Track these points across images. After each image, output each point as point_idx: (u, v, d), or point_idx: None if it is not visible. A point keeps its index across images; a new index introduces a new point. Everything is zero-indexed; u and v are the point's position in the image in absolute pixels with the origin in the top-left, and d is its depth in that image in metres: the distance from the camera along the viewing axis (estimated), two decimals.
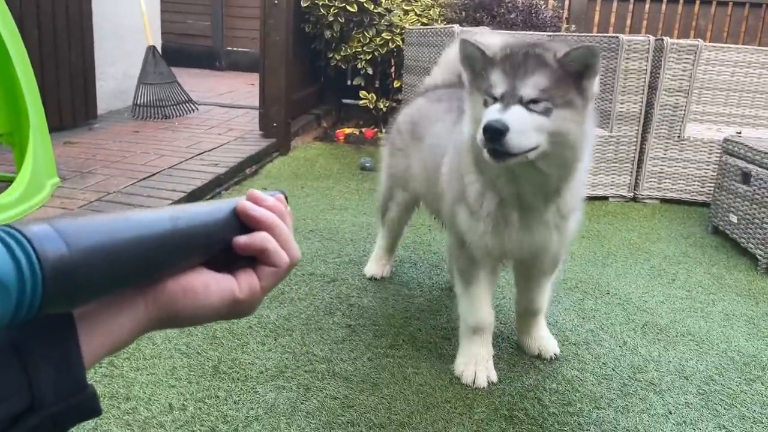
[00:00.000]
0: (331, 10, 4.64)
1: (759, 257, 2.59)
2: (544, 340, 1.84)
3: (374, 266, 2.34)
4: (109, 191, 2.82)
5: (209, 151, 3.70)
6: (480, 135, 1.37)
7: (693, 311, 2.20)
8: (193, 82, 6.65)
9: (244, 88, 6.63)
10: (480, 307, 1.70)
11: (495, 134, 1.33)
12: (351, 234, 2.77)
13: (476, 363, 1.69)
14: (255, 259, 0.59)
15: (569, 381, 1.71)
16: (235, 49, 8.64)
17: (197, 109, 4.87)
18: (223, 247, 0.57)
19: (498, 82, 1.40)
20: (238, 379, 1.63)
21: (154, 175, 3.12)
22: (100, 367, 1.63)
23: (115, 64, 4.75)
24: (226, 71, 8.45)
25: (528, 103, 1.37)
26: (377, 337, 1.88)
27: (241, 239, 0.57)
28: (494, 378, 1.69)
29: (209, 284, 0.56)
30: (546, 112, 1.37)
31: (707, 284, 2.44)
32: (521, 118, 1.35)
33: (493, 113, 1.37)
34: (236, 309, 0.58)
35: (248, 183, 3.49)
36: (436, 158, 1.78)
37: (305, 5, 4.67)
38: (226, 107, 5.28)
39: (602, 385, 1.70)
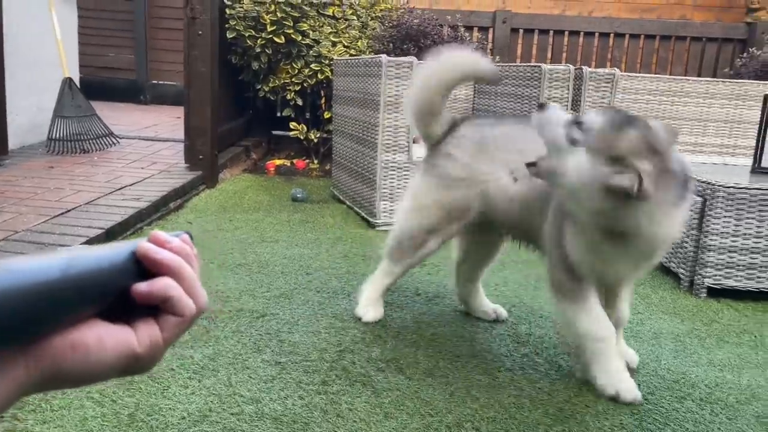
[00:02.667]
0: (258, 41, 4.60)
1: (681, 276, 2.67)
2: (628, 352, 1.92)
3: (373, 309, 2.17)
4: (18, 230, 2.63)
5: (131, 185, 3.54)
6: None
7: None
8: (116, 115, 6.43)
9: (170, 121, 6.46)
10: (603, 318, 1.73)
11: None
12: (282, 267, 2.69)
13: (620, 380, 1.71)
14: (157, 308, 0.53)
15: (506, 408, 1.67)
16: (160, 82, 8.44)
17: (118, 142, 4.69)
18: (121, 295, 0.51)
19: None
20: (157, 428, 1.51)
21: (68, 211, 2.94)
22: (2, 422, 1.48)
23: (28, 98, 4.51)
24: (151, 105, 8.23)
25: None
26: (308, 374, 1.79)
27: (142, 286, 0.51)
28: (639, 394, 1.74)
29: (103, 338, 0.49)
30: None
31: (635, 304, 2.48)
32: None
33: None
34: (135, 365, 0.52)
35: (173, 217, 3.35)
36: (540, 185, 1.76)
37: (231, 36, 4.61)
38: (149, 140, 5.11)
39: (539, 410, 1.67)
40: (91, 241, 2.61)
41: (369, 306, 2.18)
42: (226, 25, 4.58)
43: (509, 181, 1.90)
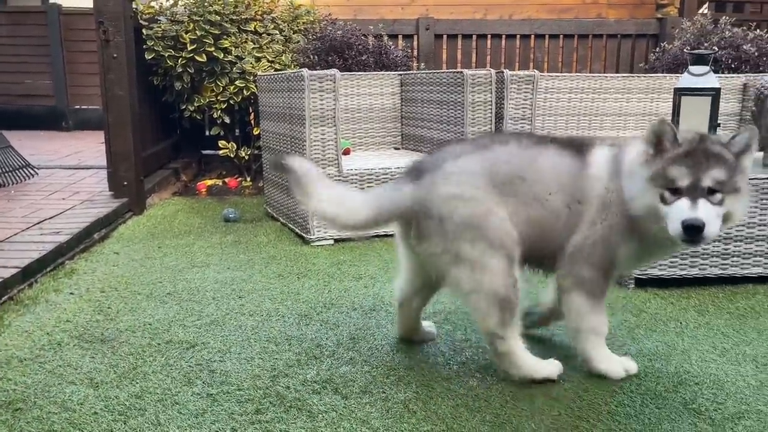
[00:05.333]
0: (179, 61, 4.49)
1: None
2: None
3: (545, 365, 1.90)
4: None
5: (50, 218, 3.38)
6: (678, 230, 1.60)
7: (560, 329, 2.26)
8: (36, 144, 6.19)
9: (95, 146, 6.23)
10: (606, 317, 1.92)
11: (695, 231, 1.58)
12: (213, 292, 2.61)
13: (614, 359, 1.90)
14: None
15: (443, 419, 1.66)
16: (82, 107, 8.15)
17: (37, 173, 4.48)
18: None
19: (681, 176, 1.61)
20: None
21: None
22: None
23: None
24: (75, 131, 7.95)
25: (708, 194, 1.60)
26: (241, 403, 1.73)
27: None
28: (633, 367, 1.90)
29: None
30: (720, 202, 1.62)
31: None
32: (711, 212, 1.60)
33: (686, 211, 1.59)
34: None
35: (97, 248, 3.21)
36: (567, 196, 1.82)
37: (150, 57, 4.49)
38: (71, 169, 4.91)
39: (476, 418, 1.67)
40: (7, 282, 2.47)
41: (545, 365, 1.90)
42: (144, 46, 4.45)
43: (531, 205, 1.82)
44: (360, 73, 4.42)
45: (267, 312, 2.40)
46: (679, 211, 1.60)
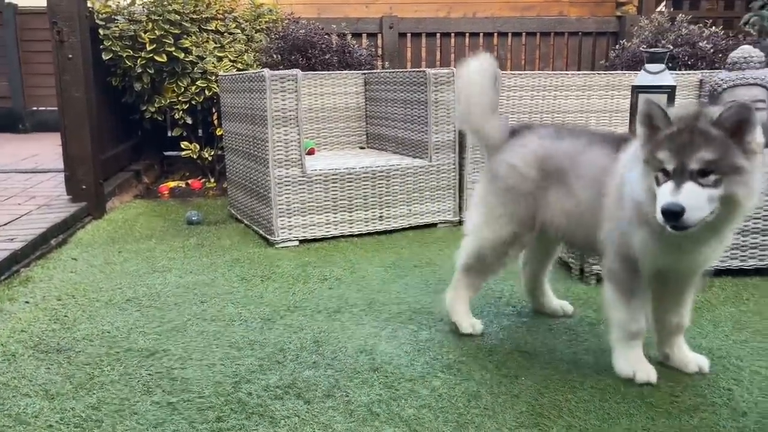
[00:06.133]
0: (138, 61, 4.41)
1: (572, 265, 2.78)
2: (693, 355, 1.95)
3: (474, 322, 2.22)
4: None
5: (5, 225, 3.29)
6: (659, 216, 1.52)
7: (520, 325, 2.28)
8: None
9: (54, 149, 6.06)
10: (641, 315, 1.85)
11: (673, 216, 1.50)
12: (175, 297, 2.57)
13: (640, 362, 1.85)
14: None
15: (406, 421, 1.66)
16: (40, 108, 7.95)
17: None
18: None
19: (667, 159, 1.54)
20: None
21: None
22: None
23: None
24: (32, 133, 7.75)
25: (698, 176, 1.51)
26: (201, 411, 1.71)
27: None
28: (654, 376, 1.84)
29: None
30: (716, 183, 1.51)
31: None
32: (694, 195, 1.50)
33: (667, 195, 1.51)
34: None
35: (55, 255, 3.13)
36: (596, 190, 1.87)
37: (108, 58, 4.39)
38: (28, 173, 4.78)
39: (439, 419, 1.67)
40: None
41: (469, 320, 2.22)
42: (102, 46, 4.36)
43: (567, 197, 1.97)
44: (324, 72, 4.39)
45: (230, 316, 2.37)
46: (662, 195, 1.53)
